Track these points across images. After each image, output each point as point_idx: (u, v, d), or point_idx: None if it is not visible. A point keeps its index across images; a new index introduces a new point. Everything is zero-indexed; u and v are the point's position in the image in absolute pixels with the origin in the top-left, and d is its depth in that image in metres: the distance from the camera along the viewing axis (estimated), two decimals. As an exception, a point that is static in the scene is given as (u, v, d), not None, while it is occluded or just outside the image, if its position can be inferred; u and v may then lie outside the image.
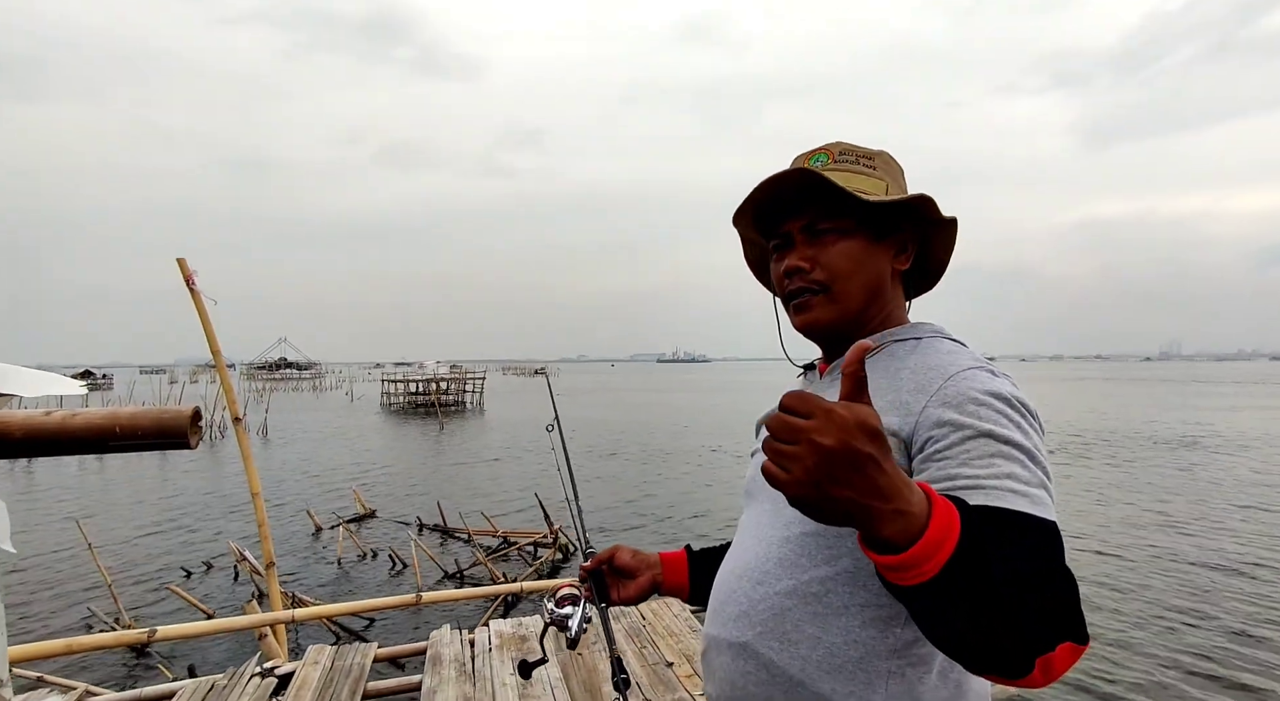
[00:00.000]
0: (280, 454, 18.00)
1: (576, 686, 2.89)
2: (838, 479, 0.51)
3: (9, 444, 0.82)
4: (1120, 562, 8.04)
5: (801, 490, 0.52)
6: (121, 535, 9.99)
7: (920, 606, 0.57)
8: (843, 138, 1.09)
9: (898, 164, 0.92)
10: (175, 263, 3.77)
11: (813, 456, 0.51)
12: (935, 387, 0.74)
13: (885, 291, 0.89)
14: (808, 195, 0.85)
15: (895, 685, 0.73)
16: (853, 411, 0.52)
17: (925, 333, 0.87)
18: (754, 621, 0.80)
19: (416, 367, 45.68)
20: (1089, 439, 19.69)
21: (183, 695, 2.88)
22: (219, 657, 5.61)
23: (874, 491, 0.51)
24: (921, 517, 0.53)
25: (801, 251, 0.86)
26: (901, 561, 0.53)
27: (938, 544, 0.53)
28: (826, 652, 0.75)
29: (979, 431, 0.68)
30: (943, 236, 0.91)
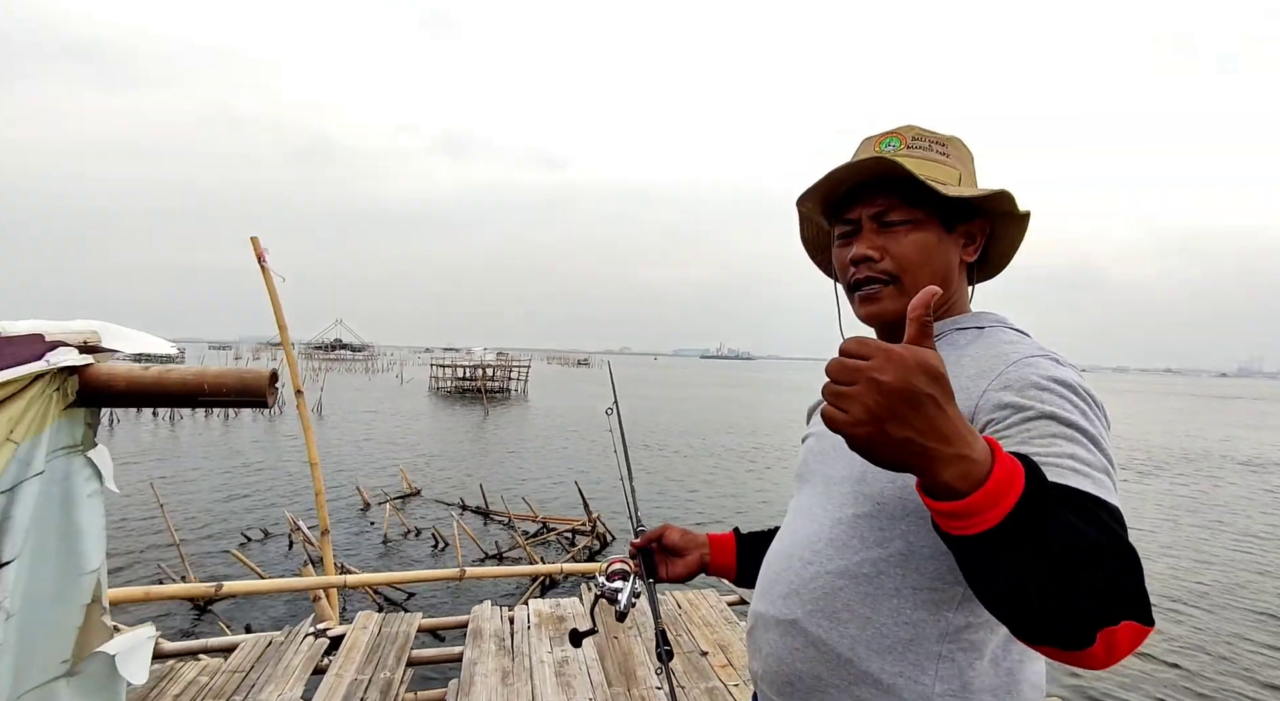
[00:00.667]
0: (333, 431, 18.71)
1: (612, 667, 2.94)
2: (898, 417, 0.50)
3: (114, 394, 0.89)
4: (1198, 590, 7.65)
5: (860, 428, 0.52)
6: (188, 499, 10.58)
7: (976, 558, 0.55)
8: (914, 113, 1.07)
9: (969, 150, 0.90)
10: (244, 242, 3.97)
11: (872, 394, 0.51)
12: (996, 372, 0.73)
13: (952, 282, 0.88)
14: (881, 182, 0.83)
15: (945, 668, 0.72)
16: (913, 351, 0.51)
17: (987, 322, 0.86)
18: (804, 599, 0.81)
19: (464, 353, 46.76)
20: (1163, 456, 18.70)
21: (244, 647, 3.06)
22: (272, 620, 5.92)
23: (935, 432, 0.51)
24: (985, 464, 0.52)
25: (870, 240, 0.84)
26: (961, 508, 0.52)
27: (1000, 493, 0.51)
28: (876, 633, 0.75)
29: (1041, 413, 0.67)
30: (1013, 230, 0.89)
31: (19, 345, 0.77)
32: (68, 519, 0.83)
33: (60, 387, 0.83)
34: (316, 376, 36.03)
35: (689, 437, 19.80)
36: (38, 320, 0.88)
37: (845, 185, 0.86)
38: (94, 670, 0.84)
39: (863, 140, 0.92)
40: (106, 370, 0.91)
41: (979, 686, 0.72)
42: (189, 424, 19.74)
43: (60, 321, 0.92)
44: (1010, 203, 0.84)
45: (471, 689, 2.72)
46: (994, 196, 0.82)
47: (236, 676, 2.79)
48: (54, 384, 0.81)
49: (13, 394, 0.72)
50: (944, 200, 0.81)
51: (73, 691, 0.81)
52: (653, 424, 22.89)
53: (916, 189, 0.81)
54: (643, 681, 2.83)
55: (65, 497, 0.82)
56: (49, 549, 0.79)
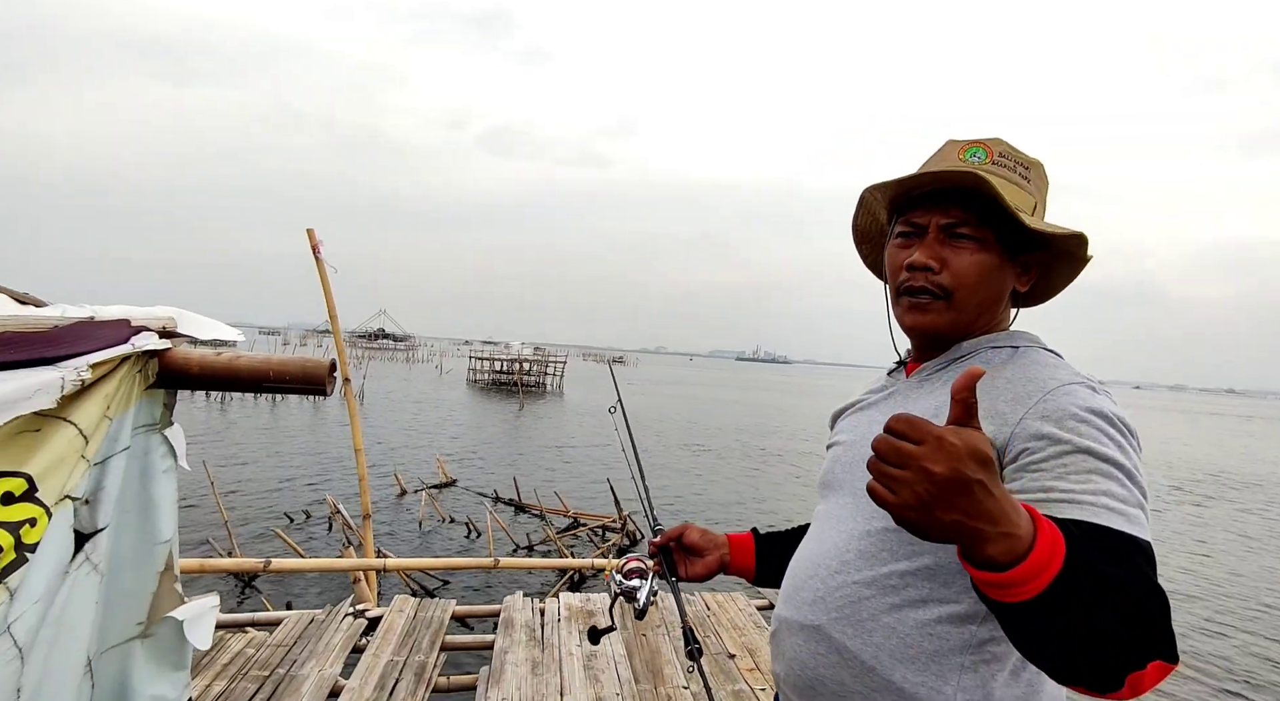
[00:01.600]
0: (374, 419, 19.20)
1: (640, 665, 2.96)
2: (947, 504, 0.52)
3: (189, 377, 0.96)
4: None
5: (909, 513, 0.53)
6: (236, 480, 11.01)
7: (1017, 622, 0.57)
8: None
9: (1047, 178, 0.89)
10: (294, 230, 4.12)
11: (923, 483, 0.52)
12: (1034, 400, 0.73)
13: (999, 306, 0.87)
14: (959, 192, 0.82)
15: (968, 679, 0.73)
16: (963, 438, 0.52)
17: (1022, 342, 0.85)
18: (829, 606, 0.82)
19: (502, 347, 47.40)
20: (1230, 481, 17.85)
21: (288, 623, 3.18)
22: (311, 600, 6.13)
23: (982, 515, 0.52)
24: (1027, 540, 0.53)
25: (934, 249, 0.83)
26: (1004, 579, 0.53)
27: (1043, 566, 0.53)
28: (900, 643, 0.76)
29: (1077, 447, 0.67)
30: (1071, 269, 0.88)
31: (110, 329, 0.83)
32: (145, 492, 0.89)
33: (143, 369, 0.89)
34: (360, 364, 37.05)
35: (720, 437, 19.72)
36: (124, 306, 0.94)
37: (923, 187, 0.85)
38: (165, 633, 0.90)
39: (946, 141, 0.90)
40: (183, 354, 0.97)
41: (1000, 697, 0.73)
42: (237, 408, 20.52)
43: (142, 307, 0.98)
44: (1082, 245, 0.82)
45: (502, 677, 2.78)
46: (1069, 237, 0.81)
47: (280, 650, 2.91)
48: (138, 366, 0.87)
49: (106, 374, 0.78)
50: (1018, 228, 0.80)
51: (147, 652, 0.87)
52: (684, 421, 22.87)
53: (992, 209, 0.80)
54: (670, 680, 2.85)
55: (144, 472, 0.88)
56: (130, 519, 0.85)
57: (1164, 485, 16.46)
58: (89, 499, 0.77)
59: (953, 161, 0.86)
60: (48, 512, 0.68)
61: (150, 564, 0.88)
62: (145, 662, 0.88)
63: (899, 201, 0.89)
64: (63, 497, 0.70)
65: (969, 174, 0.78)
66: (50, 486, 0.69)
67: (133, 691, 0.86)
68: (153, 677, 0.89)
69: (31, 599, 0.65)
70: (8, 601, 0.62)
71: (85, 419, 0.74)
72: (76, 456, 0.72)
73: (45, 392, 0.69)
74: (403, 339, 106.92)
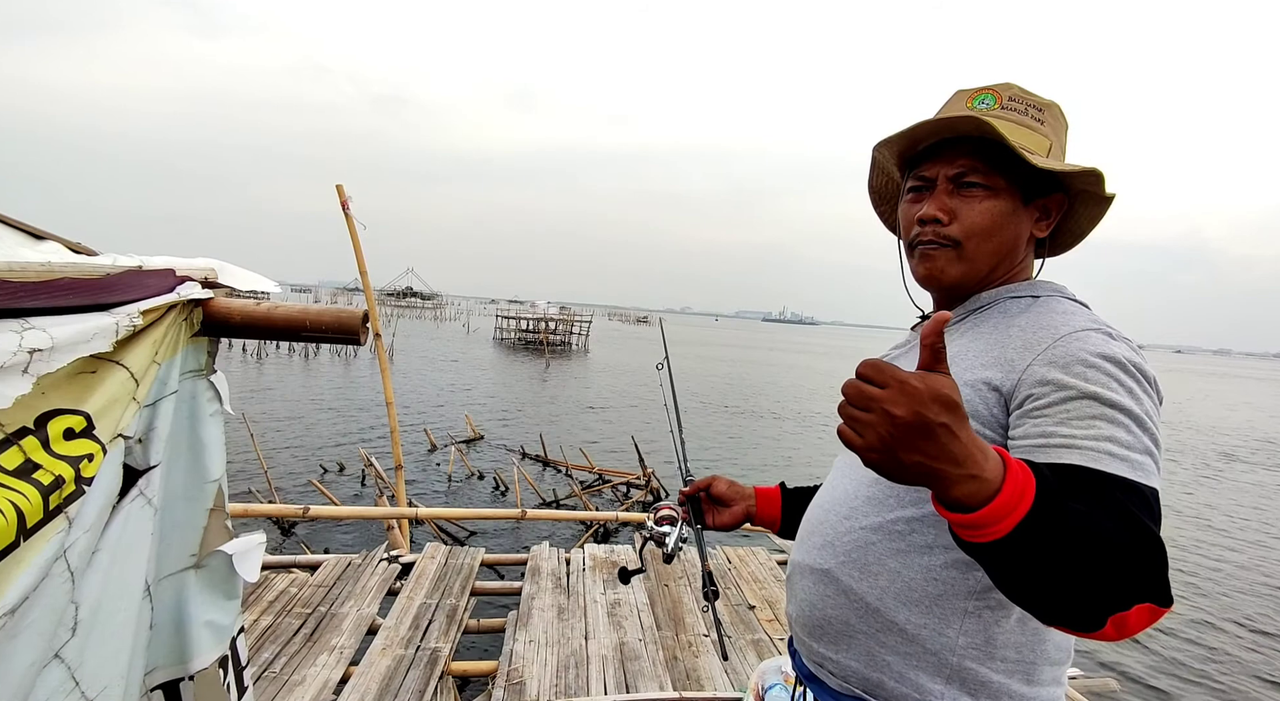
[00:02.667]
0: (403, 375, 19.61)
1: (661, 613, 3.06)
2: (909, 445, 0.53)
3: (231, 326, 0.99)
4: None
5: (873, 455, 0.54)
6: (272, 431, 11.41)
7: (988, 562, 0.58)
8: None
9: (1065, 119, 0.86)
10: (323, 188, 4.15)
11: (885, 424, 0.53)
12: (1043, 346, 0.72)
13: (1017, 254, 0.85)
14: (965, 141, 0.80)
15: (971, 623, 0.75)
16: (927, 382, 0.52)
17: (1043, 291, 0.83)
18: (838, 550, 0.84)
19: (529, 306, 47.69)
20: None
21: (327, 566, 3.35)
22: (346, 546, 6.40)
23: (945, 457, 0.53)
24: (994, 482, 0.54)
25: (942, 201, 0.82)
26: (971, 520, 0.54)
27: (1009, 507, 0.53)
28: (904, 586, 0.78)
29: (1083, 392, 0.66)
30: (1094, 210, 0.85)
31: (157, 278, 0.87)
32: (194, 433, 0.94)
33: (188, 317, 0.92)
34: (389, 322, 37.67)
35: (742, 399, 19.80)
36: (168, 257, 0.98)
37: (928, 139, 0.84)
38: (215, 565, 0.96)
39: (955, 92, 0.88)
40: (224, 304, 1.00)
41: (1003, 642, 0.74)
42: (273, 362, 21.13)
43: (185, 259, 1.01)
44: (1099, 182, 0.79)
45: (529, 621, 2.90)
46: (1082, 174, 0.79)
47: (321, 590, 3.08)
48: (183, 314, 0.91)
49: (154, 321, 0.81)
50: (1029, 170, 0.78)
51: (200, 582, 0.94)
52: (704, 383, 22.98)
53: (1002, 154, 0.78)
54: (690, 628, 2.94)
55: (192, 414, 0.93)
56: (180, 458, 0.90)
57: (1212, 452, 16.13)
58: (141, 438, 0.82)
59: (961, 109, 0.84)
60: (103, 449, 0.72)
61: (201, 500, 0.93)
62: (199, 591, 0.94)
63: (908, 156, 0.88)
64: (116, 436, 0.74)
65: (967, 118, 0.77)
66: (105, 425, 0.73)
67: (189, 616, 0.92)
68: (207, 605, 0.96)
69: (84, 527, 0.70)
70: (66, 529, 0.66)
71: (136, 363, 0.78)
72: (129, 398, 0.76)
73: (102, 336, 0.72)
74: (430, 297, 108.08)
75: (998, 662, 0.74)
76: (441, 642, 2.69)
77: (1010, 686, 0.74)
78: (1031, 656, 0.75)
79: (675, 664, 2.64)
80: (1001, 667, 0.74)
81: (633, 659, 2.66)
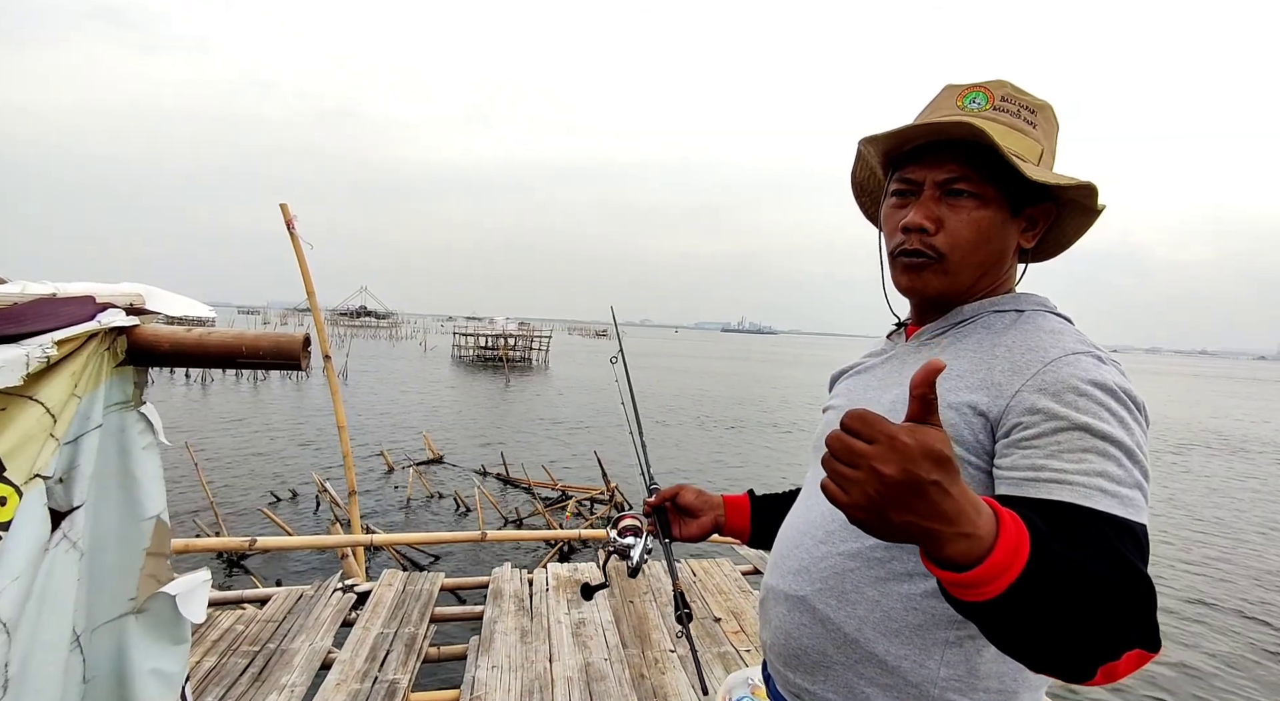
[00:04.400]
0: (358, 397, 19.09)
1: (627, 630, 3.03)
2: (899, 505, 0.49)
3: (159, 354, 0.94)
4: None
5: (860, 514, 0.51)
6: (219, 460, 10.94)
7: (981, 621, 0.55)
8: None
9: (1057, 121, 0.81)
10: (272, 207, 4.03)
11: (873, 483, 0.49)
12: (1033, 371, 0.69)
13: (1003, 266, 0.82)
14: (956, 144, 0.76)
15: (953, 654, 0.72)
16: (917, 438, 0.49)
17: (1027, 305, 0.80)
18: (814, 577, 0.81)
19: (487, 323, 47.09)
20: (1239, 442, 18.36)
21: (277, 599, 3.21)
22: (300, 577, 6.15)
23: (937, 516, 0.49)
24: (987, 540, 0.51)
25: (929, 209, 0.78)
26: (964, 579, 0.51)
27: (1004, 566, 0.51)
28: (884, 616, 0.75)
29: (1074, 423, 0.64)
30: (1081, 221, 0.82)
31: (74, 305, 0.82)
32: (125, 469, 0.88)
33: (111, 347, 0.88)
34: (342, 343, 36.65)
35: (701, 408, 19.91)
36: (88, 283, 0.93)
37: (917, 140, 0.79)
38: (159, 608, 0.90)
39: (945, 87, 0.83)
40: (152, 331, 0.95)
41: (985, 672, 0.72)
42: (219, 388, 20.29)
43: (108, 284, 0.96)
44: (1092, 195, 0.76)
45: (491, 645, 2.83)
46: (1078, 188, 0.75)
47: (270, 625, 2.94)
48: (105, 343, 0.86)
49: (72, 351, 0.77)
50: (1021, 180, 0.74)
51: (142, 627, 0.88)
52: (666, 395, 23.03)
53: (994, 162, 0.74)
54: (657, 644, 2.91)
55: (121, 449, 0.88)
56: (110, 496, 0.85)
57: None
58: (63, 477, 0.77)
59: (950, 109, 0.80)
60: (18, 492, 0.68)
61: (135, 540, 0.88)
62: (141, 637, 0.88)
63: (893, 155, 0.84)
64: (33, 476, 0.70)
65: (964, 124, 0.72)
66: (19, 465, 0.68)
67: (131, 665, 0.87)
68: (151, 652, 0.90)
69: (11, 576, 0.66)
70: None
71: (52, 397, 0.73)
72: (45, 435, 0.72)
73: (9, 370, 0.68)
74: (385, 316, 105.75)
75: (980, 694, 0.72)
76: (400, 673, 2.60)
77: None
78: (1014, 685, 0.73)
79: (642, 682, 2.61)
80: (984, 699, 0.72)
81: (599, 679, 2.61)
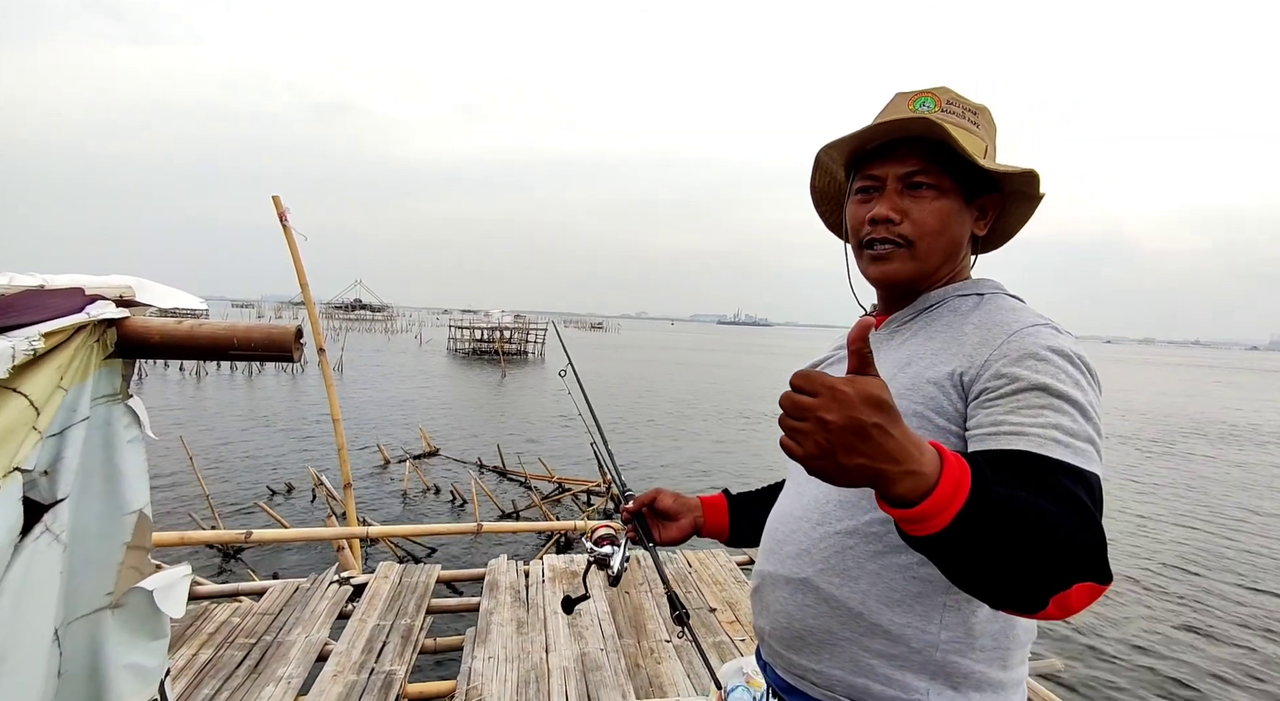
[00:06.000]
0: (354, 390, 19.04)
1: (623, 621, 3.04)
2: (847, 448, 0.54)
3: (149, 346, 0.94)
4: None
5: (815, 462, 0.55)
6: (214, 454, 10.91)
7: (934, 554, 0.60)
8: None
9: (994, 122, 0.90)
10: (266, 200, 4.01)
11: (820, 431, 0.54)
12: (998, 343, 0.76)
13: (959, 253, 0.89)
14: (914, 143, 0.83)
15: (951, 617, 0.77)
16: (856, 386, 0.54)
17: (986, 289, 0.88)
18: (814, 558, 0.84)
19: (482, 316, 46.93)
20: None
21: (273, 592, 3.21)
22: (296, 570, 6.16)
23: (884, 455, 0.54)
24: (932, 477, 0.56)
25: (893, 201, 0.85)
26: (913, 515, 0.56)
27: (948, 499, 0.55)
28: (886, 588, 0.78)
29: (1033, 384, 0.70)
30: (1025, 209, 0.91)
31: (62, 298, 0.81)
32: (109, 462, 0.88)
33: (100, 339, 0.87)
34: (337, 336, 36.53)
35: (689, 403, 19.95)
36: (77, 275, 0.92)
37: (877, 140, 0.86)
38: (136, 603, 0.90)
39: (895, 94, 0.91)
40: (142, 323, 0.95)
41: (980, 631, 0.77)
42: (214, 381, 20.21)
43: (97, 276, 0.96)
44: (1035, 183, 0.85)
45: (488, 636, 2.84)
46: (1021, 175, 0.84)
47: (266, 618, 2.94)
48: (94, 335, 0.85)
49: (59, 344, 0.76)
50: (972, 171, 0.82)
51: (119, 622, 0.88)
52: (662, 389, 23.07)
53: (949, 156, 0.82)
54: (652, 634, 2.93)
55: (106, 442, 0.87)
56: (93, 490, 0.84)
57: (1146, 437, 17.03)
58: (47, 470, 0.77)
59: (903, 112, 0.88)
60: (-3, 484, 0.67)
61: (117, 534, 0.88)
62: (118, 632, 0.88)
63: (855, 157, 0.90)
64: (12, 470, 0.69)
65: (923, 120, 0.79)
66: None
67: (106, 660, 0.86)
68: (127, 647, 0.89)
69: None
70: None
71: (37, 390, 0.73)
72: (27, 428, 0.71)
73: (-5, 362, 0.67)
74: (380, 309, 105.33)
75: (977, 652, 0.77)
76: (397, 664, 2.61)
77: (990, 674, 0.77)
78: (1006, 642, 0.78)
79: (638, 672, 2.62)
80: (981, 657, 0.77)
81: (594, 669, 2.63)
